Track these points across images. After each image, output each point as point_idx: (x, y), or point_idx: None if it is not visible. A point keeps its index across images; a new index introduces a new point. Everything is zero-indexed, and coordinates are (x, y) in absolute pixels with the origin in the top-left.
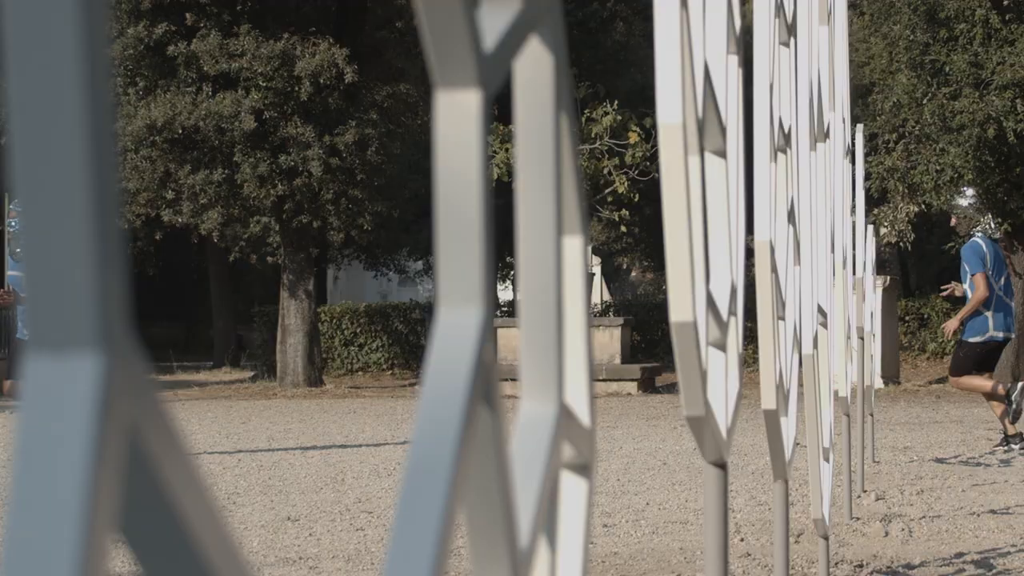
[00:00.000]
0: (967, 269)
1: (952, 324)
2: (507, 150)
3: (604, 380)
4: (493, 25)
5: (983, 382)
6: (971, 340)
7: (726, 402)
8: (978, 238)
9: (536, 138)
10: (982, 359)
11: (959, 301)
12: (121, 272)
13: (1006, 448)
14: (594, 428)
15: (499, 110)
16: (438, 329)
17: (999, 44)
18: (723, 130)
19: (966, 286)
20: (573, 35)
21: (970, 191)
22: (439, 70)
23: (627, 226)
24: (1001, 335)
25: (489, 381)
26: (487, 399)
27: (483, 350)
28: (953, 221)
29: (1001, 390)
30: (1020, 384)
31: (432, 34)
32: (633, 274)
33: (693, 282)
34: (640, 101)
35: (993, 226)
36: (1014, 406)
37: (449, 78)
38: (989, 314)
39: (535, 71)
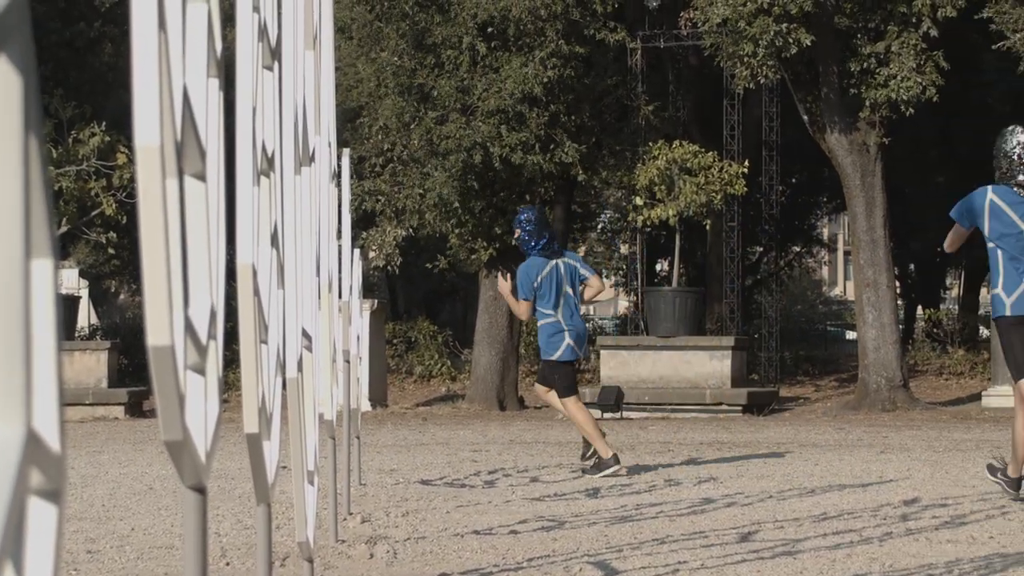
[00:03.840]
0: None
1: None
2: None
3: (90, 404)
4: None
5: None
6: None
7: (205, 426)
8: None
9: (2, 159)
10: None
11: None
12: None
13: None
14: (65, 454)
15: None
16: None
17: (485, 71)
18: (203, 153)
19: None
20: (60, 55)
21: None
22: None
23: (115, 248)
24: None
25: None
26: None
27: None
28: None
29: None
30: None
31: None
32: (122, 297)
33: (171, 305)
34: (129, 122)
35: None
36: None
37: None
38: None
39: (1, 92)
